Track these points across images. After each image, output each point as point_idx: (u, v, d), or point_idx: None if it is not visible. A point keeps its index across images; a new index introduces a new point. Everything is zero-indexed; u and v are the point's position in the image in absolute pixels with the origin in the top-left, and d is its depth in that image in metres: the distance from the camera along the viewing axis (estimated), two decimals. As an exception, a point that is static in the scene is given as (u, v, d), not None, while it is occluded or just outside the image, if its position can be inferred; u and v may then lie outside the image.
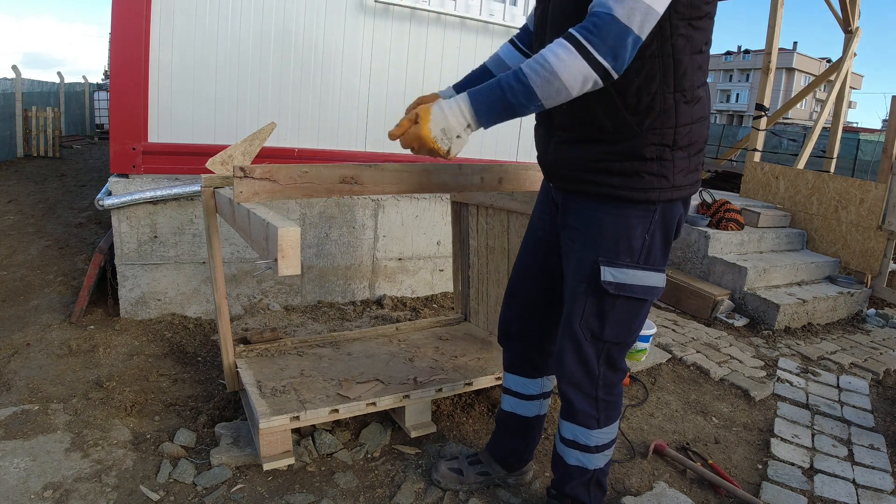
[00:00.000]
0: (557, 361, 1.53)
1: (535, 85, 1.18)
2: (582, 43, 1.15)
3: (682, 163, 1.38)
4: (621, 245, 1.40)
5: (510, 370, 1.82)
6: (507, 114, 1.23)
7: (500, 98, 1.21)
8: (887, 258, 4.24)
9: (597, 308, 1.44)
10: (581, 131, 1.39)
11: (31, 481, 1.73)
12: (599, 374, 1.50)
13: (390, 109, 3.35)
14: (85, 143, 11.79)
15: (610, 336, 1.47)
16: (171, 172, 2.86)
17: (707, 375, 2.91)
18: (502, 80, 1.21)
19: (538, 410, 1.82)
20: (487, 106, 1.22)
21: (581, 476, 1.61)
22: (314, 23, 3.06)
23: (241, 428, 2.02)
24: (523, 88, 1.18)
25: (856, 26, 5.88)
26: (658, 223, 1.41)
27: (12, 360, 2.45)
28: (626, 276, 1.41)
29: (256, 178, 1.60)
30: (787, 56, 43.00)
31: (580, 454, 1.59)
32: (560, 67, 1.16)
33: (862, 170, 14.46)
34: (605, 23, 1.14)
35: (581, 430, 1.56)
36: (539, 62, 1.18)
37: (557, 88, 1.18)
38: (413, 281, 3.62)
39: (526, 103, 1.20)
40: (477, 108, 1.22)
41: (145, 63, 2.71)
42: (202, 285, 3.03)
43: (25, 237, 4.27)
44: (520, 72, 1.19)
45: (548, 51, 1.18)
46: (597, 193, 1.41)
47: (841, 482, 2.11)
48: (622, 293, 1.41)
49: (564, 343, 1.51)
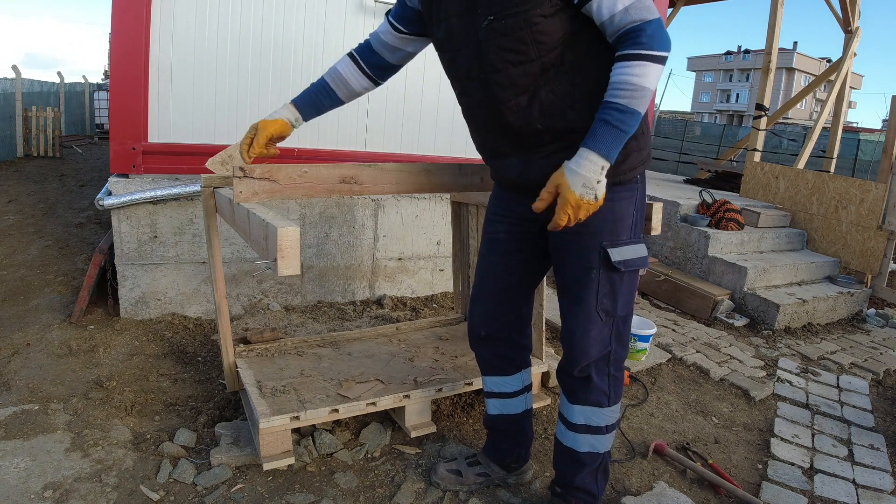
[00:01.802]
0: (577, 348, 1.57)
1: (635, 105, 1.30)
2: (647, 54, 1.27)
3: (645, 127, 1.49)
4: (619, 226, 1.50)
5: (488, 372, 1.84)
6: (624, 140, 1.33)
7: (619, 134, 1.31)
8: (887, 258, 4.24)
9: (609, 288, 1.52)
10: (563, 141, 1.42)
11: (31, 481, 1.73)
12: (611, 349, 1.58)
13: (390, 109, 3.36)
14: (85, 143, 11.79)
15: (620, 310, 1.55)
16: (171, 172, 2.86)
17: (707, 375, 2.91)
18: (610, 120, 1.30)
19: (525, 405, 1.85)
20: (614, 145, 1.32)
21: (592, 462, 1.64)
22: (314, 23, 3.06)
23: (241, 428, 2.02)
24: (632, 115, 1.30)
25: (856, 26, 5.88)
26: (640, 195, 1.54)
27: (12, 360, 2.45)
28: (627, 252, 1.50)
29: (256, 178, 1.60)
30: (787, 56, 43.01)
31: (592, 437, 1.62)
32: (647, 82, 1.28)
33: (862, 170, 14.45)
34: (649, 28, 1.27)
35: (593, 409, 1.60)
36: (626, 88, 1.28)
37: (648, 96, 1.31)
38: (413, 281, 3.62)
39: (633, 124, 1.32)
40: (607, 153, 1.31)
41: (145, 63, 2.71)
42: (202, 285, 3.03)
43: (25, 237, 4.27)
44: (619, 105, 1.29)
45: (626, 76, 1.28)
46: None
47: (841, 482, 2.11)
48: (628, 269, 1.51)
49: (582, 330, 1.55)
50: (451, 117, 3.49)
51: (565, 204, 1.34)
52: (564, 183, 1.34)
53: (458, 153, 3.57)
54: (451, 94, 1.63)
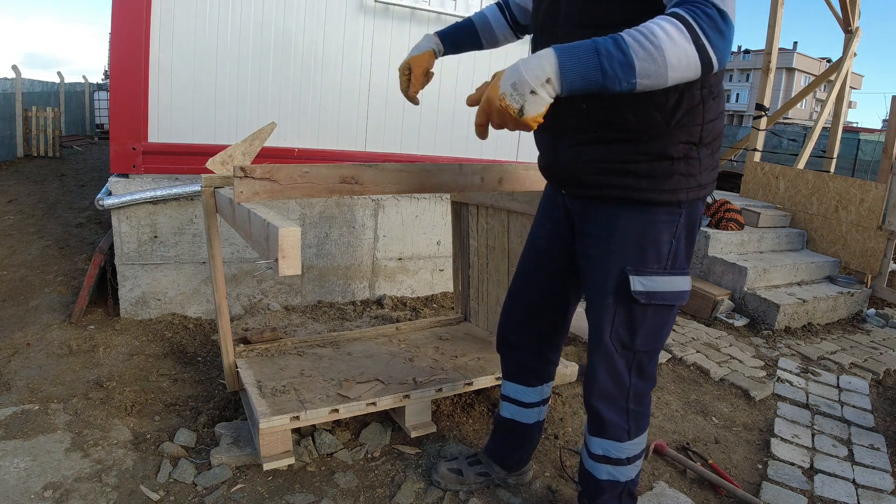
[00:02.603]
0: (588, 376, 1.48)
1: (638, 57, 1.01)
2: (694, 27, 1.02)
3: (707, 160, 1.33)
4: (649, 251, 1.34)
5: (509, 378, 1.80)
6: (593, 83, 1.05)
7: (593, 61, 1.03)
8: (887, 258, 4.24)
9: (626, 319, 1.38)
10: (600, 132, 1.30)
11: (31, 481, 1.73)
12: (630, 384, 1.45)
13: (390, 109, 3.36)
14: (85, 143, 11.79)
15: (641, 346, 1.41)
16: (171, 172, 2.86)
17: (707, 375, 2.91)
18: (599, 43, 1.03)
19: (537, 417, 1.81)
20: (578, 64, 1.03)
21: (613, 490, 1.56)
22: (314, 23, 3.06)
23: (241, 428, 2.02)
24: (623, 58, 1.02)
25: (856, 26, 5.88)
26: (684, 225, 1.35)
27: (12, 360, 2.45)
28: (656, 283, 1.34)
29: (257, 178, 1.60)
30: (787, 56, 43.00)
31: (612, 468, 1.53)
32: (668, 45, 1.01)
33: (862, 170, 14.44)
34: (715, 13, 1.03)
35: (611, 443, 1.50)
36: (644, 33, 1.02)
37: (657, 70, 1.03)
38: (413, 281, 3.62)
39: (620, 76, 1.03)
40: (564, 64, 1.03)
41: (145, 63, 2.71)
42: (202, 285, 3.03)
43: (25, 237, 4.27)
44: (620, 39, 1.03)
45: (654, 24, 1.02)
46: (621, 198, 1.34)
47: (841, 482, 2.11)
48: (652, 301, 1.35)
49: (594, 358, 1.45)
50: (451, 117, 3.48)
51: (485, 99, 1.10)
52: (499, 74, 1.10)
53: (458, 153, 3.57)
54: (451, 94, 1.63)
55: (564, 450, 2.10)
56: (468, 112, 2.80)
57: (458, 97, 3.47)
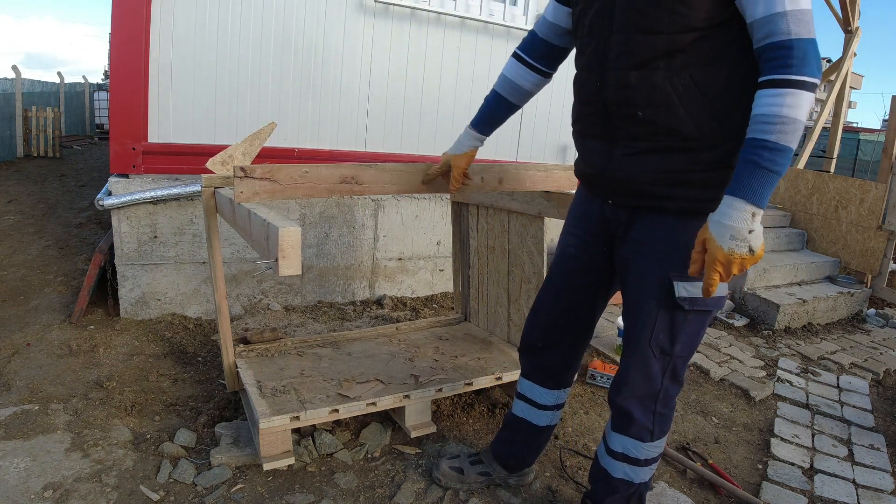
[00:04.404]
0: (619, 377, 1.49)
1: (791, 142, 1.13)
2: (798, 80, 1.11)
3: None
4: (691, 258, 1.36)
5: (527, 377, 1.79)
6: (776, 183, 1.18)
7: (770, 176, 1.14)
8: (887, 258, 4.24)
9: (668, 324, 1.39)
10: (659, 141, 1.30)
11: (31, 481, 1.73)
12: (662, 387, 1.47)
13: (390, 109, 3.36)
14: (85, 143, 11.79)
15: (679, 351, 1.43)
16: (171, 172, 2.86)
17: (707, 375, 2.91)
18: (759, 161, 1.13)
19: (550, 420, 1.80)
20: (764, 190, 1.15)
21: (625, 490, 1.57)
22: (314, 23, 3.06)
23: (241, 428, 2.02)
24: (782, 154, 1.13)
25: (856, 26, 5.88)
26: None
27: (12, 360, 2.45)
28: (698, 289, 1.34)
29: (257, 178, 1.60)
30: (787, 56, 42.92)
31: (628, 467, 1.54)
32: (798, 114, 1.12)
33: (862, 170, 14.45)
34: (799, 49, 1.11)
35: (633, 442, 1.52)
36: (775, 122, 1.12)
37: (800, 130, 1.14)
38: (413, 281, 3.62)
39: (789, 160, 1.15)
40: (757, 200, 1.15)
41: (145, 63, 2.71)
42: (202, 285, 3.03)
43: (25, 237, 4.27)
44: (766, 142, 1.13)
45: (774, 106, 1.12)
46: (675, 209, 1.34)
47: (841, 482, 2.11)
48: (695, 307, 1.36)
49: (629, 361, 1.47)
50: (451, 117, 3.49)
51: (713, 261, 1.18)
52: (710, 237, 1.18)
53: (458, 153, 3.56)
54: (451, 94, 1.63)
55: (564, 450, 2.10)
56: (468, 112, 2.79)
57: (458, 96, 3.47)
